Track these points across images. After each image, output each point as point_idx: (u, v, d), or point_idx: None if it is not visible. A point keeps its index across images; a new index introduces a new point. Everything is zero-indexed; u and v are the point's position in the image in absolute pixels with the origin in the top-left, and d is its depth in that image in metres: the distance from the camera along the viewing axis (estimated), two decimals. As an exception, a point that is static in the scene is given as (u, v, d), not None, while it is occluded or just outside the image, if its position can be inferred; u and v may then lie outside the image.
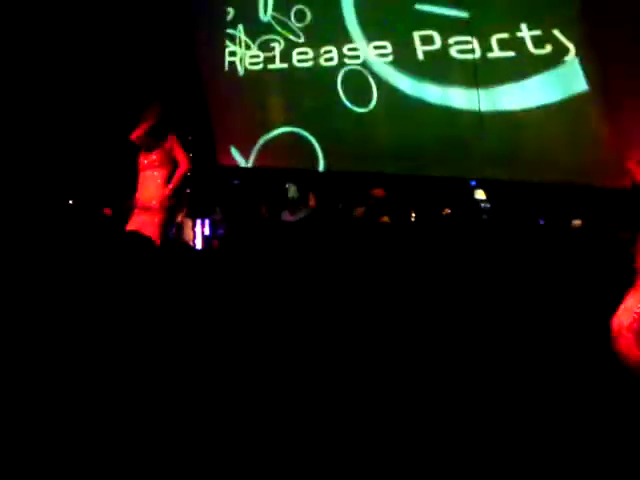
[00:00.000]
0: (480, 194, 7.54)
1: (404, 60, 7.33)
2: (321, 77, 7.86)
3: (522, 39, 6.61)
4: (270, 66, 8.25)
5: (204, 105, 8.80)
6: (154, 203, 5.58)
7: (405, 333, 4.09)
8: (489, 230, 7.06)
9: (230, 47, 8.50)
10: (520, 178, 6.96)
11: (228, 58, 8.55)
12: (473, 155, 7.03)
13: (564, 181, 6.61)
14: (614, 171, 5.88)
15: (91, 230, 6.28)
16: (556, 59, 6.49)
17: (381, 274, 5.44)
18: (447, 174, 7.26)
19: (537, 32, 6.52)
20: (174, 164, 5.66)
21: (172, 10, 8.39)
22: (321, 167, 7.96)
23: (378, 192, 7.25)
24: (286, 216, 7.22)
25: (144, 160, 5.71)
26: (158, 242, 5.51)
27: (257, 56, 8.31)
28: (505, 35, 6.70)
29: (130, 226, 5.58)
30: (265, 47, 8.25)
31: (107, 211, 7.43)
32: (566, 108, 6.55)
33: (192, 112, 8.57)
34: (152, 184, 5.65)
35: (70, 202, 7.90)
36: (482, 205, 7.45)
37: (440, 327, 4.22)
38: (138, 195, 5.68)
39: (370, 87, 7.55)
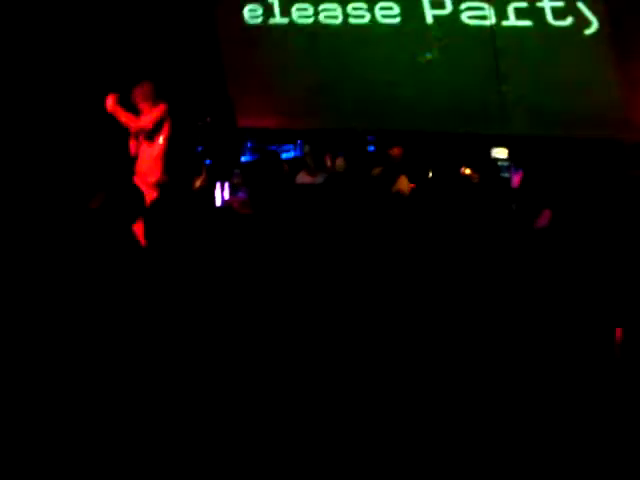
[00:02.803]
0: (499, 152, 7.46)
1: (411, 23, 7.20)
2: (343, 36, 7.76)
3: (542, 9, 6.45)
4: (281, 20, 8.12)
5: (221, 67, 8.75)
6: (152, 180, 5.58)
7: (421, 294, 4.07)
8: (509, 190, 6.99)
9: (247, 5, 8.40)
10: (542, 133, 6.88)
11: (247, 15, 8.43)
12: (491, 110, 6.95)
13: (589, 135, 6.54)
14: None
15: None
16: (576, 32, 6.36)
17: (398, 237, 5.41)
18: (466, 130, 7.19)
19: (559, 3, 6.36)
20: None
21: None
22: (338, 126, 7.92)
23: (396, 151, 7.18)
24: (303, 178, 7.18)
25: (137, 131, 5.67)
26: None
27: (272, 14, 8.19)
28: (524, 4, 6.54)
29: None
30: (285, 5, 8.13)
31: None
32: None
33: (209, 75, 8.54)
34: (147, 158, 5.64)
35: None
36: (501, 164, 7.37)
37: (458, 288, 4.20)
38: (137, 172, 5.67)
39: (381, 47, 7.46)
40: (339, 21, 7.69)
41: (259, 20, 8.26)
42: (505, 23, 6.69)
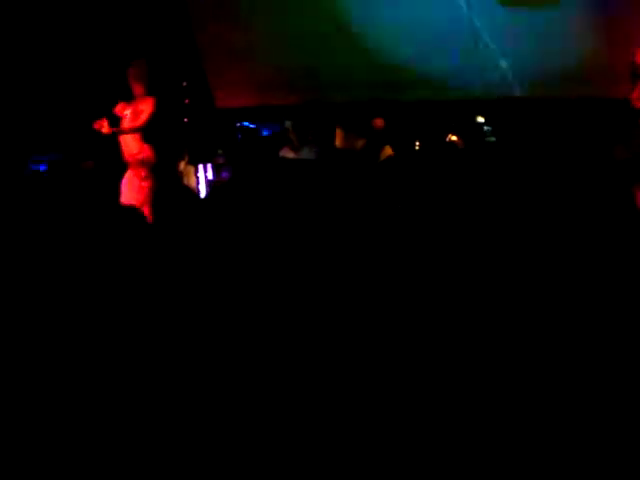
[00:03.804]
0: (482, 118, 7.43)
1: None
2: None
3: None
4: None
5: (196, 46, 8.63)
6: (139, 157, 5.56)
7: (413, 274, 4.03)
8: (496, 153, 6.97)
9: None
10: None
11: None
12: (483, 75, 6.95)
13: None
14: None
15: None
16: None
17: (386, 209, 5.37)
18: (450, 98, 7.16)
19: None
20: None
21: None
22: (319, 99, 7.83)
23: (378, 122, 7.12)
24: (286, 153, 7.11)
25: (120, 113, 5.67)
26: (145, 199, 5.50)
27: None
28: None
29: (123, 181, 5.60)
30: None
31: (89, 164, 7.32)
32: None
33: (185, 55, 8.43)
34: (132, 138, 5.62)
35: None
36: (486, 128, 7.34)
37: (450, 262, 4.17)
38: (122, 149, 5.65)
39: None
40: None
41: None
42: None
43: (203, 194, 7.62)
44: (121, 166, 5.78)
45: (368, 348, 2.99)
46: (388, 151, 6.92)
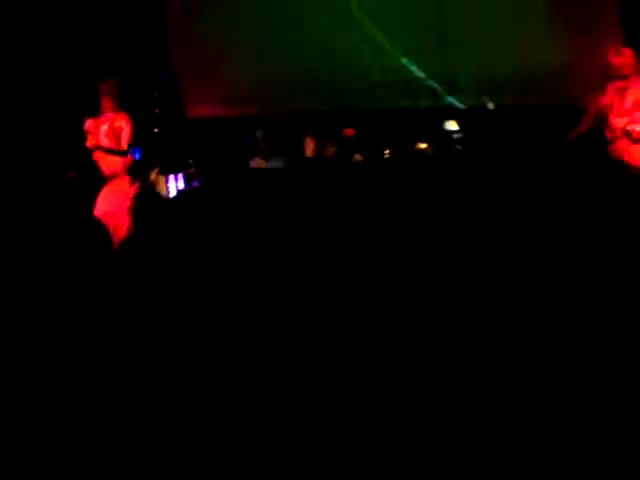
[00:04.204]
0: (451, 125, 7.50)
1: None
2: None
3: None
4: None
5: (168, 58, 8.63)
6: (119, 168, 5.58)
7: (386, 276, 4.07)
8: (465, 160, 7.04)
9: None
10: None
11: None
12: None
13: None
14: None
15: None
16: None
17: (359, 215, 5.42)
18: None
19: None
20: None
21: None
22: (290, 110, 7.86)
23: (349, 132, 7.20)
24: (257, 163, 7.15)
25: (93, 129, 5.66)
26: (131, 204, 5.51)
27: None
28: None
29: (102, 193, 5.60)
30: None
31: (72, 175, 7.30)
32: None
33: (157, 67, 8.43)
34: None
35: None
36: (454, 136, 7.41)
37: (426, 263, 4.21)
38: (100, 164, 5.65)
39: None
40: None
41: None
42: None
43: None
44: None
45: (335, 346, 3.01)
46: (357, 158, 6.99)
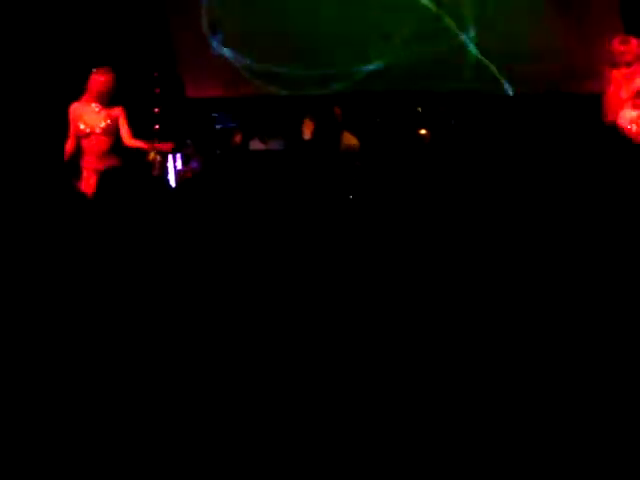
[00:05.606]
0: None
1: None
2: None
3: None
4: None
5: (169, 37, 8.61)
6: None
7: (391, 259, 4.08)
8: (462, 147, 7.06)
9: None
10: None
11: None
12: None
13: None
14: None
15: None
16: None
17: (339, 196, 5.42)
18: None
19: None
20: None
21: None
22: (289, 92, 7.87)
23: (336, 111, 7.11)
24: (256, 145, 7.15)
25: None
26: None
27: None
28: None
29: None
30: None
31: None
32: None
33: (156, 45, 8.41)
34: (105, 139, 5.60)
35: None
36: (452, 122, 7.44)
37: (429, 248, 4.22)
38: (92, 148, 5.61)
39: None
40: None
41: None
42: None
43: (172, 184, 7.63)
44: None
45: (324, 343, 3.04)
46: (348, 135, 6.92)
